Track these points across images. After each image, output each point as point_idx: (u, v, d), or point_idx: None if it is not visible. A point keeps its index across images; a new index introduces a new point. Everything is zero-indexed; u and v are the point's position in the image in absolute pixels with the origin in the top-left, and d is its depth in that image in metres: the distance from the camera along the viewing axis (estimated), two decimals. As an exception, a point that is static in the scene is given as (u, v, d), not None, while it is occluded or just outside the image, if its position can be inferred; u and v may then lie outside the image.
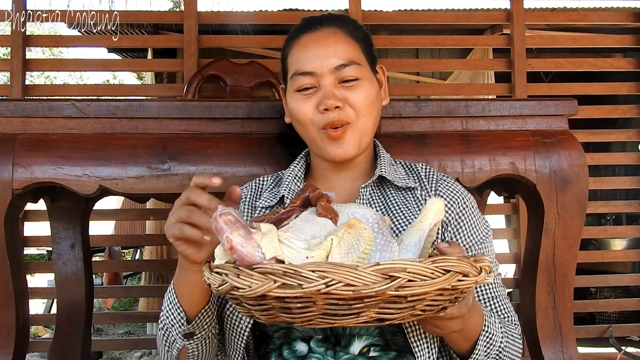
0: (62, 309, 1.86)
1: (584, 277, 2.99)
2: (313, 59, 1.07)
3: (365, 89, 1.08)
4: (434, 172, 1.17)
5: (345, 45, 1.09)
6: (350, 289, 0.69)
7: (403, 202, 1.11)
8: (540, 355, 1.41)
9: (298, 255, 0.77)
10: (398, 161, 1.21)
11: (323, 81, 1.07)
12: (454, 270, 0.73)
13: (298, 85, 1.09)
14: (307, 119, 1.09)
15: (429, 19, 3.38)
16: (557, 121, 1.44)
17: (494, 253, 1.15)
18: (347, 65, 1.07)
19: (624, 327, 3.13)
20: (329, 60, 1.06)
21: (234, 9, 3.40)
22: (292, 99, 1.11)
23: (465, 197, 1.13)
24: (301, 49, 1.10)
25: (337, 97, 1.06)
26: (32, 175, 1.32)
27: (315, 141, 1.11)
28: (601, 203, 3.09)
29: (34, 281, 5.37)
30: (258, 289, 0.70)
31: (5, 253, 1.32)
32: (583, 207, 1.40)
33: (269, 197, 1.16)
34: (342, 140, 1.08)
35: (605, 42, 3.23)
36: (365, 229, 0.82)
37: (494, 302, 1.10)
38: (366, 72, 1.10)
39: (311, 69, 1.07)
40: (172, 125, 1.38)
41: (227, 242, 0.75)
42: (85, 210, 1.90)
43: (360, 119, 1.08)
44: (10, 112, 1.36)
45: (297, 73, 1.09)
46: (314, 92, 1.08)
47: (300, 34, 1.12)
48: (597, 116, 3.00)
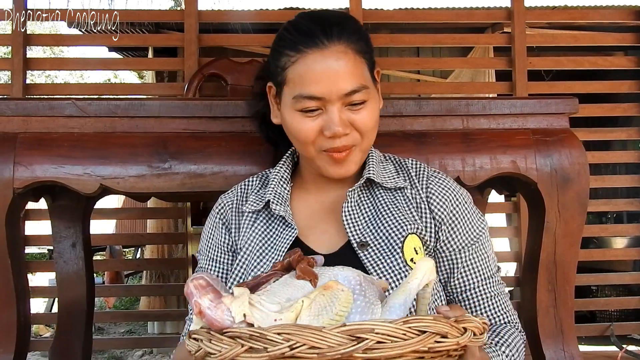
0: (63, 308, 1.86)
1: (585, 275, 2.99)
2: (322, 84, 0.99)
3: (372, 111, 1.04)
4: (424, 169, 1.13)
5: (354, 67, 1.01)
6: (315, 351, 0.65)
7: (393, 203, 1.08)
8: (542, 353, 1.41)
9: (267, 317, 0.75)
10: (388, 157, 1.18)
11: (330, 106, 1.00)
12: (430, 331, 0.68)
13: (302, 107, 1.02)
14: (309, 141, 1.03)
15: (430, 17, 3.38)
16: (558, 119, 1.44)
17: (491, 249, 1.13)
18: (357, 91, 1.00)
19: (625, 325, 3.13)
20: (338, 85, 0.99)
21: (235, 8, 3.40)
22: (291, 116, 1.04)
23: (457, 193, 1.11)
24: (307, 70, 1.01)
25: (345, 123, 1.01)
26: (33, 174, 1.32)
27: (314, 160, 1.06)
28: (602, 201, 3.09)
29: (35, 280, 5.37)
30: (227, 354, 0.68)
31: (7, 252, 1.32)
32: (584, 205, 1.40)
33: (255, 200, 1.12)
34: (345, 161, 1.04)
35: (606, 40, 3.23)
36: (342, 291, 0.78)
37: (494, 301, 1.09)
38: (372, 92, 1.05)
39: (319, 94, 0.99)
40: (172, 124, 1.38)
41: (196, 307, 0.74)
42: (86, 209, 1.90)
43: (364, 141, 1.04)
44: (11, 111, 1.36)
45: (303, 96, 1.01)
46: (318, 114, 1.01)
47: (306, 49, 1.01)
48: (598, 114, 2.99)
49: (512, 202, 3.15)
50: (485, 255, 1.11)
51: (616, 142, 3.72)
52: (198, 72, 2.68)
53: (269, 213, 1.10)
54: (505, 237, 3.36)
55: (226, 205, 1.15)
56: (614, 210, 3.81)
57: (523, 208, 2.86)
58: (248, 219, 1.11)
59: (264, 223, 1.10)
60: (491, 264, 1.12)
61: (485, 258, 1.11)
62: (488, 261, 1.11)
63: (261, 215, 1.11)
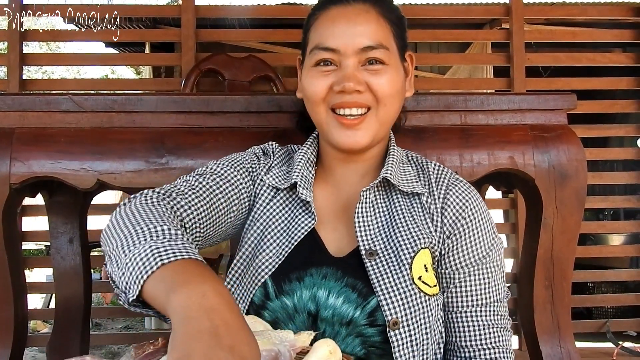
0: (61, 304, 1.86)
1: (582, 272, 3.00)
2: (339, 36, 0.97)
3: (391, 76, 0.99)
4: (446, 176, 1.06)
5: (376, 26, 0.98)
6: None
7: (409, 211, 1.02)
8: (538, 350, 1.41)
9: None
10: (411, 157, 1.12)
11: (345, 61, 0.97)
12: None
13: (317, 59, 0.99)
14: (320, 98, 1.00)
15: (428, 13, 3.39)
16: (556, 116, 1.43)
17: (499, 275, 1.04)
18: (375, 48, 0.97)
19: (621, 322, 3.14)
20: (355, 39, 0.97)
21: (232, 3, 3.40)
22: (308, 74, 1.02)
23: (474, 208, 1.03)
24: (327, 23, 0.99)
25: (359, 80, 0.97)
26: (29, 169, 1.31)
27: (323, 124, 1.02)
28: (599, 198, 3.09)
29: (32, 276, 5.36)
30: None
31: (4, 248, 1.32)
32: (582, 202, 1.39)
33: (280, 176, 1.06)
34: (355, 128, 0.98)
35: (604, 37, 3.23)
36: None
37: (485, 332, 1.01)
38: (394, 58, 1.01)
39: (335, 46, 0.97)
40: (170, 120, 1.38)
41: None
42: (84, 205, 1.89)
43: (381, 108, 0.99)
44: (8, 107, 1.35)
45: (319, 47, 0.99)
46: (333, 70, 0.99)
47: (329, 5, 1.00)
48: (595, 111, 3.00)
49: (509, 198, 3.15)
50: (488, 279, 1.02)
51: (614, 139, 3.72)
52: (195, 68, 2.68)
53: (290, 194, 1.06)
54: (502, 234, 3.37)
55: (261, 162, 1.09)
56: (611, 207, 3.81)
57: (520, 204, 2.87)
58: (268, 192, 1.07)
59: (284, 201, 1.06)
60: (494, 290, 1.03)
61: (487, 283, 1.02)
62: (490, 287, 1.02)
63: (280, 193, 1.06)
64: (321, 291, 0.96)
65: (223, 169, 1.04)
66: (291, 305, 0.97)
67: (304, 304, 0.96)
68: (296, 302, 0.97)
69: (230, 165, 1.06)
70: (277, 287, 0.98)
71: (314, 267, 0.99)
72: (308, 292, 0.97)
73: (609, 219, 4.38)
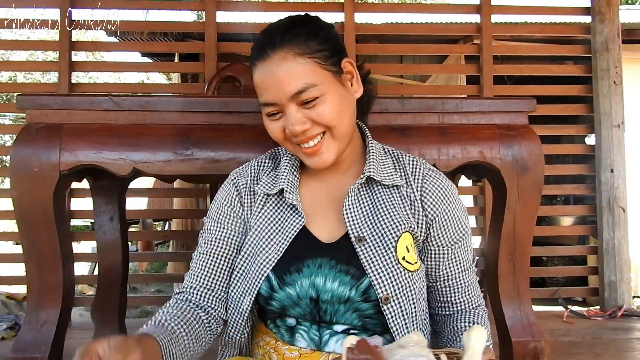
0: (103, 271, 1.86)
1: (538, 247, 3.00)
2: (271, 90, 0.92)
3: (329, 102, 0.93)
4: (420, 167, 1.04)
5: (297, 69, 0.91)
6: None
7: (390, 201, 1.00)
8: (501, 312, 1.41)
9: None
10: (387, 151, 1.08)
11: (286, 108, 0.93)
12: None
13: (266, 112, 0.96)
14: (281, 139, 0.97)
15: (412, 30, 3.38)
16: (519, 117, 1.42)
17: (471, 244, 1.08)
18: (302, 91, 0.91)
19: (570, 289, 3.16)
20: (284, 89, 0.91)
21: (248, 20, 3.35)
22: (264, 119, 0.98)
23: (449, 193, 1.03)
24: (257, 81, 0.95)
25: (302, 121, 0.93)
26: (76, 158, 1.31)
27: (296, 153, 1.00)
28: (553, 186, 3.09)
29: (79, 248, 5.37)
30: None
31: (54, 223, 1.31)
32: (539, 189, 1.39)
33: (268, 182, 1.04)
34: (318, 152, 0.96)
35: (559, 51, 3.22)
36: None
37: (470, 288, 1.06)
38: (326, 84, 0.93)
39: (272, 100, 0.93)
40: (194, 118, 1.36)
41: None
42: (122, 189, 1.89)
43: (333, 130, 0.94)
44: (58, 106, 1.34)
45: (261, 103, 0.96)
46: (281, 115, 0.95)
47: (256, 62, 0.94)
48: (551, 113, 2.98)
49: (478, 186, 3.14)
50: (467, 249, 1.06)
51: (566, 137, 3.70)
52: (216, 75, 2.65)
53: (279, 198, 1.03)
54: (472, 215, 3.36)
55: (241, 181, 1.06)
56: (563, 194, 3.81)
57: (488, 191, 2.86)
58: (260, 200, 1.03)
59: (274, 207, 1.02)
60: (470, 257, 1.08)
61: (466, 252, 1.06)
62: (468, 255, 1.06)
63: (272, 199, 1.03)
64: (318, 278, 0.94)
65: (219, 229, 1.05)
66: (294, 294, 0.95)
67: (305, 291, 0.94)
68: (298, 291, 0.94)
69: (223, 219, 1.05)
70: (280, 279, 0.95)
71: (310, 258, 0.96)
72: (307, 280, 0.94)
73: (561, 204, 4.37)
